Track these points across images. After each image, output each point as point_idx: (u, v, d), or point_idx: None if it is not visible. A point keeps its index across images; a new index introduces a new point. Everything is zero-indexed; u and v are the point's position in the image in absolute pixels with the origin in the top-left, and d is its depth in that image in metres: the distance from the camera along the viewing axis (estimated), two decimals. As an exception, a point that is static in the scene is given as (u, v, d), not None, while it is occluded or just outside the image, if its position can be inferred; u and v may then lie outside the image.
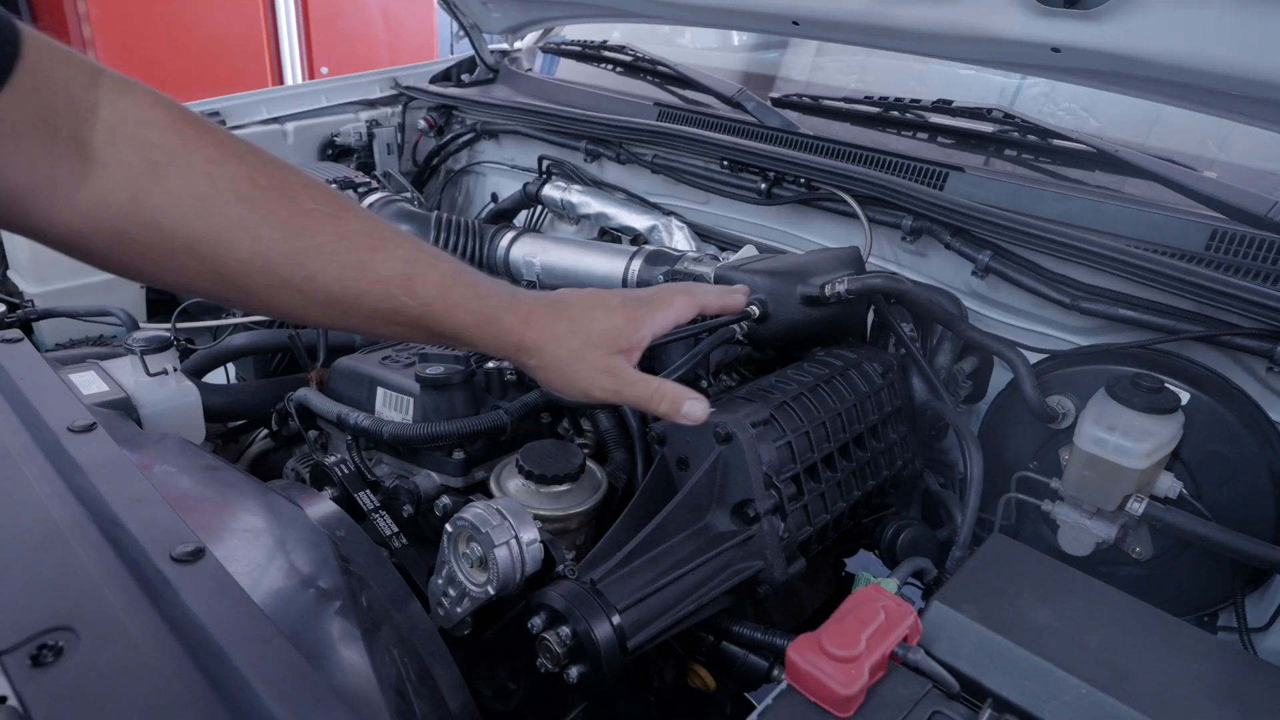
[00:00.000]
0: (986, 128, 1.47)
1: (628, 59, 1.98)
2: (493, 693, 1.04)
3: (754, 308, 1.16)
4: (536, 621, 0.84)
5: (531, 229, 1.79)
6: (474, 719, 0.89)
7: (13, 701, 0.55)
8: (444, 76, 2.28)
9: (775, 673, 0.99)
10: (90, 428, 0.95)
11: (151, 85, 0.68)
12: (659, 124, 1.68)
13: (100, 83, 0.61)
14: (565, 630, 0.82)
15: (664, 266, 1.33)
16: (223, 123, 1.85)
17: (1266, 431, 1.09)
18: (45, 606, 0.62)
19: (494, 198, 2.12)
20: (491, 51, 2.27)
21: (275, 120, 1.95)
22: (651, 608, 0.88)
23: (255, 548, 0.88)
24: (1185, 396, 1.10)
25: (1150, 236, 1.19)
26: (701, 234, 1.71)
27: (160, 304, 1.69)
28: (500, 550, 0.87)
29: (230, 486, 1.00)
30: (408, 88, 2.14)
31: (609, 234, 1.81)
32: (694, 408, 0.82)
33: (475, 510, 0.89)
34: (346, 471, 1.13)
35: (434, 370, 1.12)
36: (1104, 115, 1.68)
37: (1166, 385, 1.06)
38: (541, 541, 0.90)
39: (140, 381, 1.13)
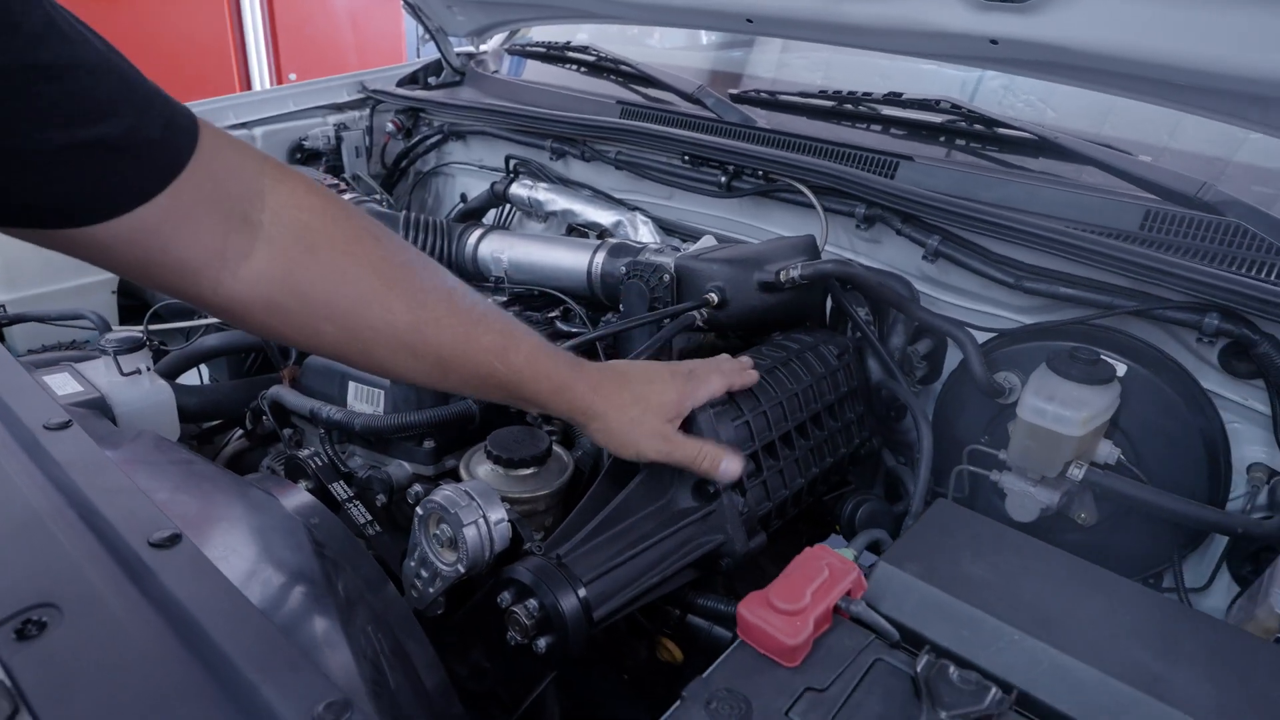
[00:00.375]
0: (935, 118, 1.52)
1: (591, 59, 2.02)
2: (469, 673, 1.08)
3: (713, 295, 1.21)
4: (506, 596, 0.88)
5: (499, 227, 1.82)
6: (449, 697, 0.92)
7: (0, 674, 0.58)
8: (411, 80, 2.31)
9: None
10: (66, 425, 0.97)
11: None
12: (621, 121, 1.72)
13: (265, 170, 0.69)
14: (533, 603, 0.86)
15: (626, 258, 1.37)
16: (190, 128, 1.87)
17: (1199, 399, 1.15)
18: (28, 585, 0.64)
19: (463, 198, 2.15)
20: (458, 54, 2.30)
21: (243, 125, 1.97)
22: (616, 580, 0.92)
23: (231, 534, 0.91)
24: (1123, 369, 1.15)
25: (1088, 218, 1.25)
26: (666, 228, 1.76)
27: (132, 309, 1.70)
28: (469, 529, 0.90)
29: (206, 479, 1.03)
30: (375, 91, 2.17)
31: (576, 230, 1.85)
32: (730, 466, 0.95)
33: (444, 493, 0.93)
34: (320, 464, 1.16)
35: (403, 362, 1.15)
36: (1060, 106, 1.74)
37: (1103, 357, 1.12)
38: (509, 521, 0.94)
39: (114, 381, 1.15)
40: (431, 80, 2.33)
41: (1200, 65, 1.09)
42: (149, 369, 1.18)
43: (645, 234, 1.71)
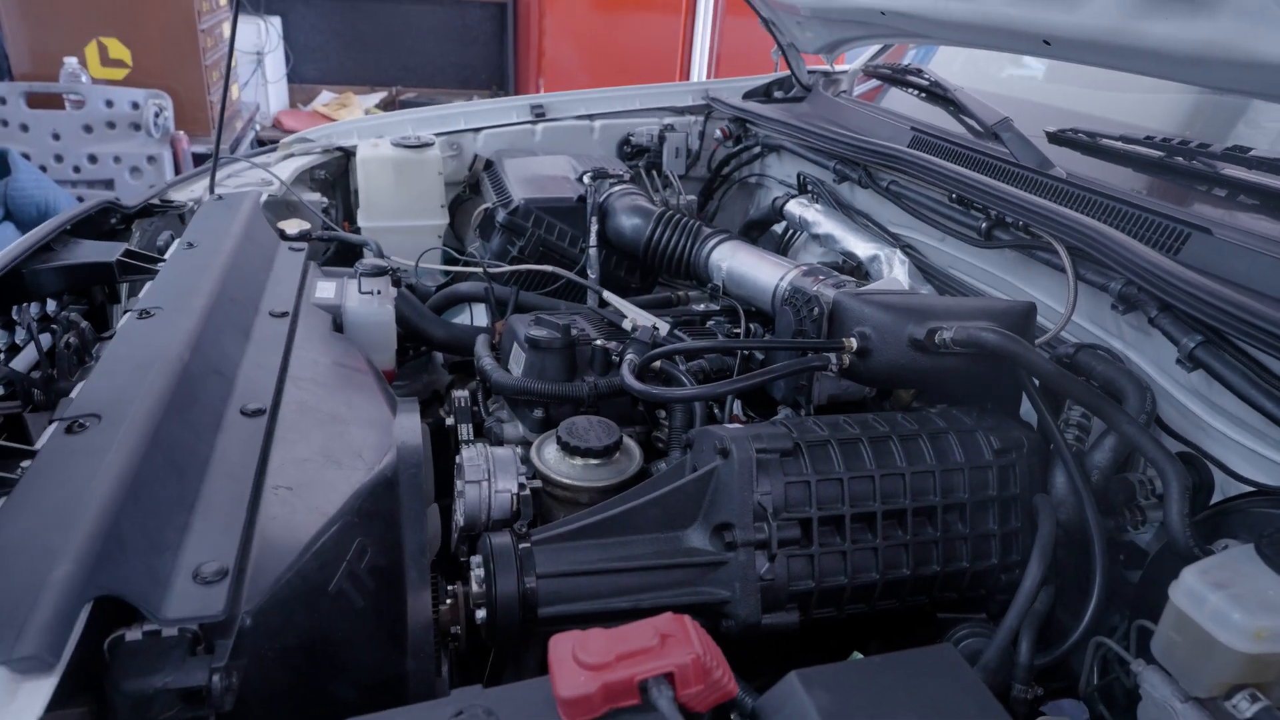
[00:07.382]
0: (1291, 187, 1.11)
1: (921, 82, 1.86)
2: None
3: (853, 340, 1.07)
4: (473, 560, 0.90)
5: (737, 238, 1.76)
6: (425, 630, 0.95)
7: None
8: (759, 92, 2.37)
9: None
10: (283, 315, 1.25)
11: (585, 75, 0.82)
12: (889, 146, 1.57)
13: None
14: (480, 573, 0.87)
15: (807, 281, 1.27)
16: (542, 114, 2.17)
17: None
18: (91, 402, 0.85)
19: (771, 212, 2.15)
20: (811, 72, 2.29)
21: (587, 117, 2.22)
22: (579, 587, 0.89)
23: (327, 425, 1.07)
24: None
25: None
26: (929, 272, 1.56)
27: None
28: (470, 488, 0.95)
29: (355, 386, 1.22)
30: (712, 99, 2.27)
31: (845, 257, 1.74)
32: None
33: (472, 450, 0.99)
34: (460, 405, 1.29)
35: (536, 333, 1.23)
36: None
37: (1354, 559, 0.73)
38: (514, 494, 0.96)
39: (353, 295, 1.42)
40: (778, 93, 2.36)
41: None
42: (379, 293, 1.42)
43: (899, 274, 1.54)
